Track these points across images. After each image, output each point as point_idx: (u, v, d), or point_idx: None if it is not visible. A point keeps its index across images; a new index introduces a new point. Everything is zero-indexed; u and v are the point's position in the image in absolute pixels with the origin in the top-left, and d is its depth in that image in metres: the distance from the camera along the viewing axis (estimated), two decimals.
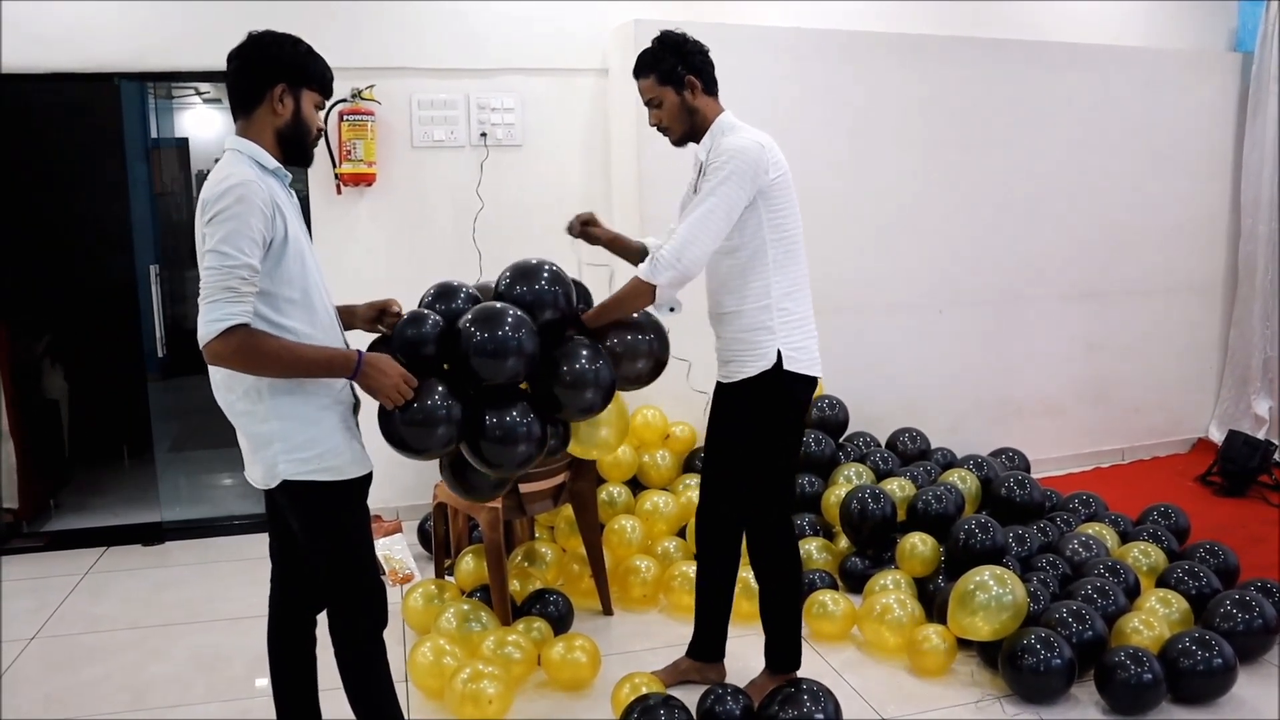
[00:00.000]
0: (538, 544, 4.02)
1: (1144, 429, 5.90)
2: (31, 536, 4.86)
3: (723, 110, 2.96)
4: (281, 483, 2.31)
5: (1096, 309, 5.65)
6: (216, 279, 2.13)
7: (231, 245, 2.12)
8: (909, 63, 5.04)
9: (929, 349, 5.27)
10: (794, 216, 2.91)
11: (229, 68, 2.32)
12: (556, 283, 2.73)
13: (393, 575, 4.14)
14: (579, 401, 2.67)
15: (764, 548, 3.09)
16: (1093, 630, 3.18)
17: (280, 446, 2.28)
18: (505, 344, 2.49)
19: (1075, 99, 5.40)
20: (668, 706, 2.82)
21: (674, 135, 2.99)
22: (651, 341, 2.90)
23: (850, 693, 3.23)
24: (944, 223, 5.22)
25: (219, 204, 2.14)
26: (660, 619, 3.83)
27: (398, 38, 4.65)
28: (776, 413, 2.96)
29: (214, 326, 2.12)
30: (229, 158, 2.27)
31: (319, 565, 2.42)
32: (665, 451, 4.48)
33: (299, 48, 2.34)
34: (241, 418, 2.33)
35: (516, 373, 2.54)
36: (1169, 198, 5.72)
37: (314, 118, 2.38)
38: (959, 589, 3.29)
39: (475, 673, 3.01)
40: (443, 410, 2.43)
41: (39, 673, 3.50)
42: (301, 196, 4.91)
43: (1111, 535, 4.05)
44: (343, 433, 2.37)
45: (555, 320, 2.71)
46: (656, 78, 2.91)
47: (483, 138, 4.79)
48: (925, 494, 4.04)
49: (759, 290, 2.88)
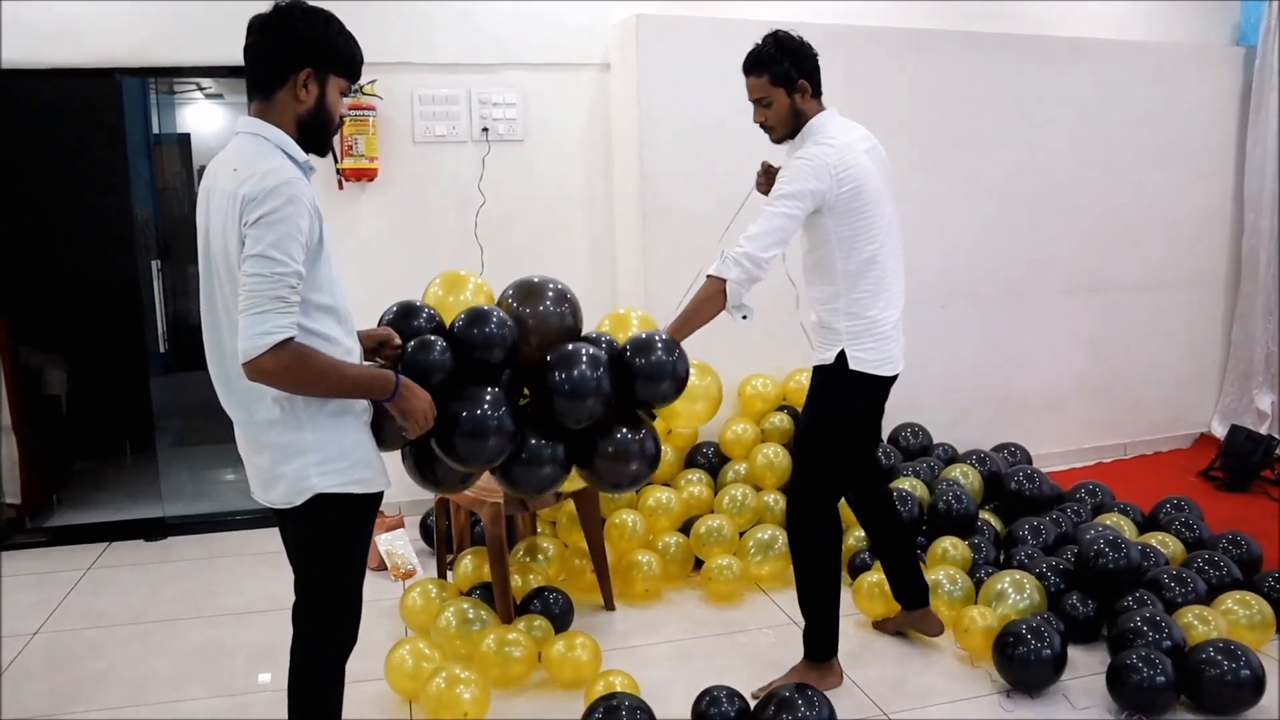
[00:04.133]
0: (539, 539, 4.02)
1: (1146, 424, 5.90)
2: (34, 532, 4.86)
3: (824, 109, 3.01)
4: (314, 496, 2.16)
5: (1098, 303, 5.64)
6: (266, 287, 1.95)
7: (282, 250, 1.96)
8: (910, 58, 5.02)
9: (930, 343, 5.24)
10: (869, 230, 2.94)
11: (248, 40, 2.12)
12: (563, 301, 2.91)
13: (395, 570, 4.14)
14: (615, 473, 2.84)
15: (804, 534, 3.14)
16: (1171, 639, 3.11)
17: (314, 457, 2.14)
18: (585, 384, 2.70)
19: (1077, 94, 5.39)
20: (629, 709, 2.78)
21: (776, 135, 3.05)
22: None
23: (851, 688, 3.24)
24: (946, 217, 5.20)
25: (268, 204, 1.97)
26: (662, 614, 3.83)
27: (399, 33, 4.64)
28: (836, 402, 3.06)
29: (265, 340, 1.95)
30: (254, 145, 2.10)
31: (315, 579, 2.29)
32: (667, 447, 4.48)
33: (330, 27, 2.14)
34: (267, 427, 2.15)
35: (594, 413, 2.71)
36: (1171, 192, 5.71)
37: (338, 106, 2.21)
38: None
39: (451, 676, 2.97)
40: (495, 420, 2.55)
41: (43, 668, 3.50)
42: None
43: (1129, 526, 4.05)
44: (373, 443, 2.28)
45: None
46: (770, 78, 2.96)
47: (484, 133, 4.79)
48: (945, 494, 4.03)
49: (829, 294, 3.00)
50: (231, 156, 2.11)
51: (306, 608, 2.31)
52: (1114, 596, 3.43)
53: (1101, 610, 3.43)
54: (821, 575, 3.15)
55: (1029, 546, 3.86)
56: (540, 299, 2.88)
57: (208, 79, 7.67)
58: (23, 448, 4.85)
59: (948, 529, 3.96)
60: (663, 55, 4.51)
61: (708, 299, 2.90)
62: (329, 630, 2.31)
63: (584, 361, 2.71)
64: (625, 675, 3.06)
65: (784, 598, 3.79)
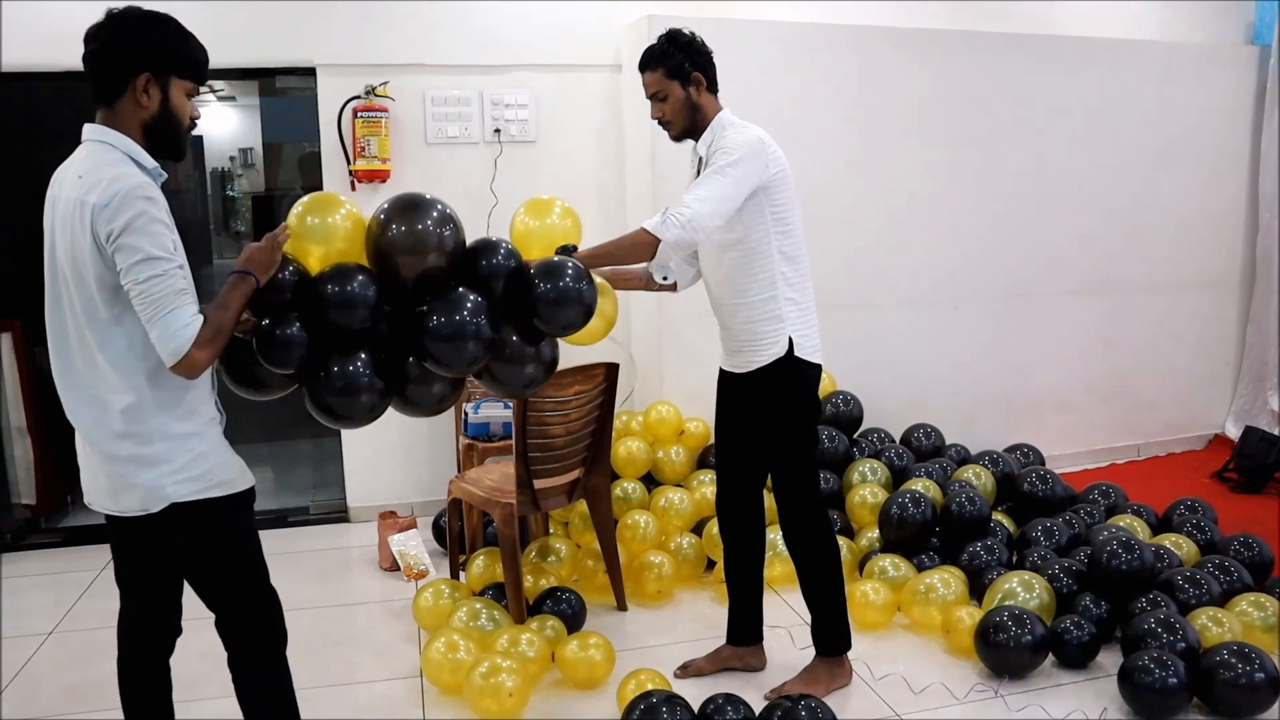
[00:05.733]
0: (552, 539, 4.02)
1: (1159, 425, 5.87)
2: (49, 532, 4.90)
3: (722, 109, 3.03)
4: (169, 505, 2.15)
5: (1111, 304, 5.62)
6: (163, 286, 1.99)
7: (161, 248, 2.01)
8: (920, 58, 5.02)
9: (942, 344, 5.25)
10: (795, 210, 2.99)
11: (85, 50, 2.10)
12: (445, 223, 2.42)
13: (408, 571, 4.15)
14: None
15: (800, 532, 3.15)
16: (1185, 641, 3.10)
17: (168, 468, 2.14)
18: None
19: (1089, 94, 5.37)
20: (670, 705, 2.80)
21: (674, 130, 3.05)
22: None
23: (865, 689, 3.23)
24: (957, 218, 5.19)
25: (129, 210, 1.98)
26: (675, 614, 3.83)
27: (411, 35, 4.65)
28: (793, 397, 3.04)
29: (186, 333, 1.99)
30: (100, 153, 2.09)
31: (213, 584, 2.30)
32: (680, 447, 4.47)
33: (166, 30, 2.12)
34: (117, 440, 2.13)
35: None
36: (1184, 192, 5.68)
37: (185, 107, 2.17)
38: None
39: (493, 666, 3.02)
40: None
41: (57, 667, 3.52)
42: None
43: (1143, 527, 4.03)
44: (226, 447, 2.27)
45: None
46: (664, 71, 2.98)
47: (496, 134, 4.79)
48: (957, 496, 4.02)
49: (765, 281, 2.96)
50: (77, 165, 2.11)
51: (230, 616, 2.33)
52: (1127, 598, 3.42)
53: (1114, 612, 3.42)
54: (828, 570, 3.16)
55: (1042, 548, 3.85)
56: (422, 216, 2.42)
57: (220, 81, 7.70)
58: (37, 449, 4.88)
59: (960, 531, 3.95)
60: None
61: (636, 245, 2.81)
62: (262, 629, 2.35)
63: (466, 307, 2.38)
64: (653, 672, 3.07)
65: (796, 598, 3.77)
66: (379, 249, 2.38)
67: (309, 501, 5.20)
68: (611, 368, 3.72)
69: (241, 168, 10.06)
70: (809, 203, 4.86)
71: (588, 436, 3.74)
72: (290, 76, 4.84)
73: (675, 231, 2.76)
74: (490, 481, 3.78)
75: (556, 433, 3.58)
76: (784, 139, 3.03)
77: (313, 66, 4.53)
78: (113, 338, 2.11)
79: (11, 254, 5.14)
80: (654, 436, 4.53)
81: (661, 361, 4.68)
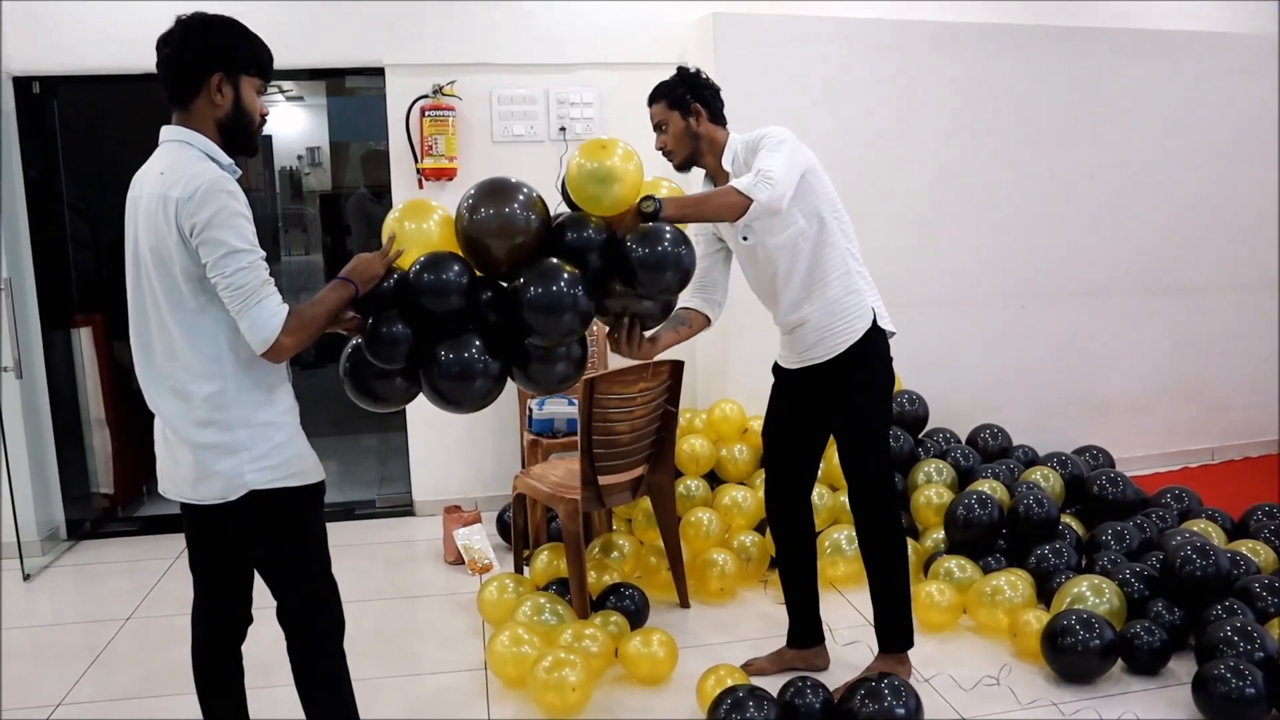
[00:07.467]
0: (615, 536, 4.05)
1: (1235, 428, 5.72)
2: (126, 521, 5.06)
3: (730, 135, 3.07)
4: (247, 493, 2.23)
5: (1184, 304, 5.50)
6: (250, 277, 2.09)
7: (245, 240, 2.09)
8: (993, 53, 4.95)
9: (1010, 344, 5.17)
10: (834, 192, 3.02)
11: (159, 56, 2.20)
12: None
13: (472, 565, 4.20)
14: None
15: (874, 526, 3.13)
16: (1264, 650, 3.01)
17: (248, 455, 2.21)
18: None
19: (1166, 88, 5.26)
20: (755, 698, 2.82)
21: (676, 159, 3.12)
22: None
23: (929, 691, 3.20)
24: (1027, 216, 5.12)
25: (211, 204, 2.07)
26: (737, 612, 3.83)
27: (478, 34, 4.71)
28: (878, 370, 3.05)
29: (275, 322, 2.09)
30: (179, 151, 2.18)
31: (280, 572, 2.36)
32: (743, 445, 4.47)
33: (231, 32, 2.22)
34: (200, 428, 2.21)
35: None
36: (1262, 188, 5.53)
37: (256, 104, 2.27)
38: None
39: (557, 660, 3.04)
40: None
41: (135, 652, 3.64)
42: (383, 191, 5.00)
43: (1218, 532, 3.93)
44: (303, 437, 2.34)
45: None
46: (667, 103, 3.07)
47: (562, 132, 4.83)
48: (1025, 497, 3.96)
49: (838, 261, 2.99)
50: (157, 164, 2.20)
51: (293, 605, 2.38)
52: (1202, 605, 3.33)
53: (1188, 619, 3.35)
54: (901, 565, 3.15)
55: (1112, 552, 3.78)
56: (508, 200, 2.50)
57: (289, 81, 7.84)
58: (115, 440, 5.03)
59: (1028, 533, 3.89)
60: (739, 53, 4.51)
61: (726, 204, 2.74)
62: (322, 618, 2.39)
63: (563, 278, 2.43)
64: (730, 667, 3.09)
65: (859, 598, 3.76)
66: (467, 235, 2.48)
67: (375, 495, 5.29)
68: (677, 365, 3.73)
69: (309, 166, 10.24)
70: (879, 200, 4.83)
71: (652, 433, 3.75)
72: (359, 76, 4.94)
73: (767, 192, 2.72)
74: (555, 477, 3.82)
75: (621, 429, 3.60)
76: (851, 134, 3.02)
77: (381, 66, 4.60)
78: (200, 325, 2.19)
79: (94, 252, 5.32)
80: (717, 434, 4.53)
81: (726, 360, 4.68)
